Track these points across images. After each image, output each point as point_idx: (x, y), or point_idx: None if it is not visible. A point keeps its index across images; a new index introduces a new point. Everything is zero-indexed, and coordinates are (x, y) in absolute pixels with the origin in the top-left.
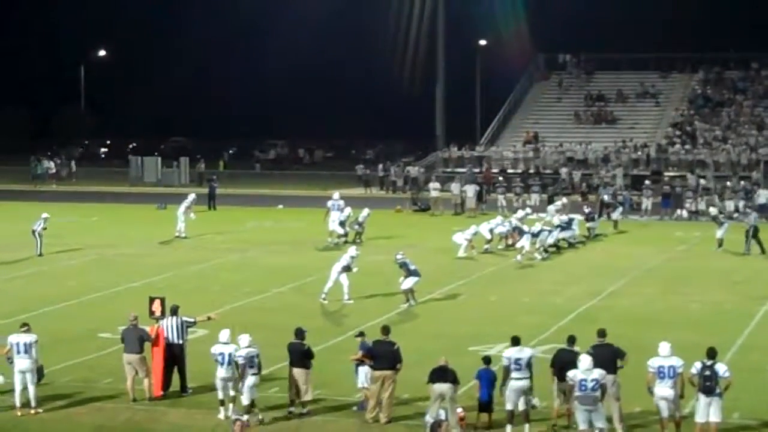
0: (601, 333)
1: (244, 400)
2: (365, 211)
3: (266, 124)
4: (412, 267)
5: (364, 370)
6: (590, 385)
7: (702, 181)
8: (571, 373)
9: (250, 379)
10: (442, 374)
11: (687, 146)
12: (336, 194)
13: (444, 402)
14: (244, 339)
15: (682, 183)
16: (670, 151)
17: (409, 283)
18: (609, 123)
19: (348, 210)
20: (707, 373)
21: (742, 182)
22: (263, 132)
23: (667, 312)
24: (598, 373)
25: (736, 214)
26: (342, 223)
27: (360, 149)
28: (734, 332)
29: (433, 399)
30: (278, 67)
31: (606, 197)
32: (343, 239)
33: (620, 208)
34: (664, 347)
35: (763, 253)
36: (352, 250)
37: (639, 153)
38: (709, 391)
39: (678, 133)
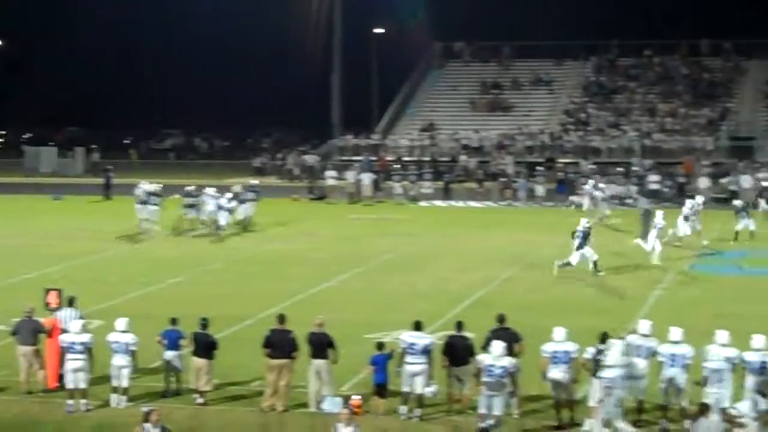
0: (501, 318)
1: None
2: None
3: (162, 114)
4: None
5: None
6: (497, 371)
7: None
8: (480, 357)
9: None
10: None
11: (580, 133)
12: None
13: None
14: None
15: (576, 169)
16: (564, 138)
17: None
18: (504, 110)
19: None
20: (600, 357)
21: (634, 168)
22: (159, 121)
23: (562, 297)
24: (507, 360)
25: (628, 200)
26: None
27: (256, 138)
28: (628, 316)
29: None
30: (174, 56)
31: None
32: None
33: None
34: (559, 332)
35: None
36: (584, 222)
37: (533, 140)
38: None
39: (571, 120)
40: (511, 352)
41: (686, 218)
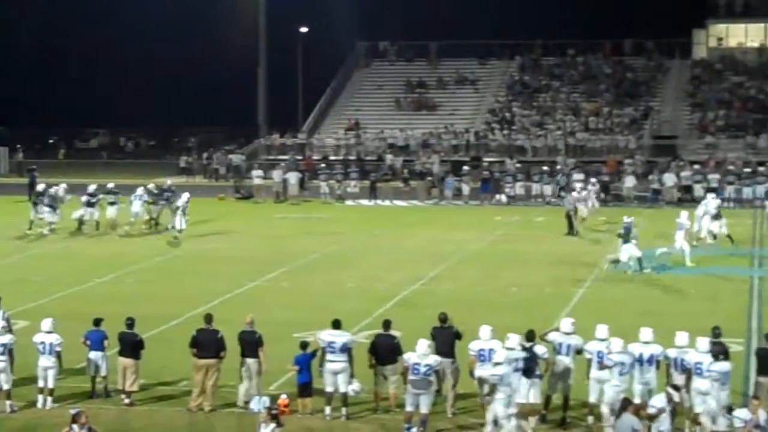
0: (443, 317)
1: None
2: (185, 196)
3: (88, 113)
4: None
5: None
6: (423, 369)
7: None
8: (406, 356)
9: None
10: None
11: (505, 132)
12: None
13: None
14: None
15: (501, 168)
16: (489, 137)
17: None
18: (429, 110)
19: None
20: (526, 355)
21: (558, 166)
22: (85, 120)
23: (488, 295)
24: (432, 359)
25: (553, 199)
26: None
27: (182, 137)
28: (553, 314)
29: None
30: (100, 54)
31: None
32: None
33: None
34: (485, 331)
35: (570, 233)
36: (625, 218)
37: (459, 139)
38: (528, 373)
39: (496, 119)
40: (451, 350)
41: (715, 217)
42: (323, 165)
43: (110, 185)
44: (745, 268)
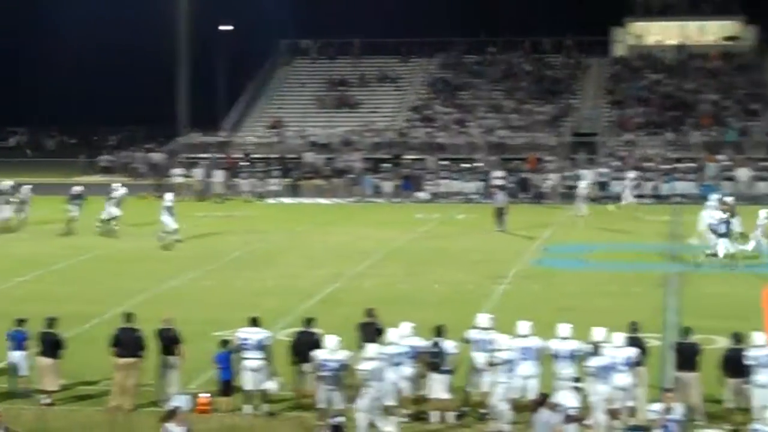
0: (370, 312)
1: None
2: (121, 191)
3: (8, 111)
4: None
5: None
6: (333, 365)
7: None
8: (316, 352)
9: None
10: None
11: (426, 129)
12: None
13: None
14: None
15: (422, 166)
16: (410, 135)
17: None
18: (351, 107)
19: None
20: (435, 350)
21: (481, 164)
22: (4, 119)
23: (410, 292)
24: (343, 354)
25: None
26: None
27: (102, 136)
28: (473, 311)
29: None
30: (19, 52)
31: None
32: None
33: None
34: (405, 328)
35: (500, 230)
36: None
37: (380, 137)
38: (436, 368)
39: (418, 116)
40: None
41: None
42: (245, 163)
43: (6, 184)
44: (662, 263)
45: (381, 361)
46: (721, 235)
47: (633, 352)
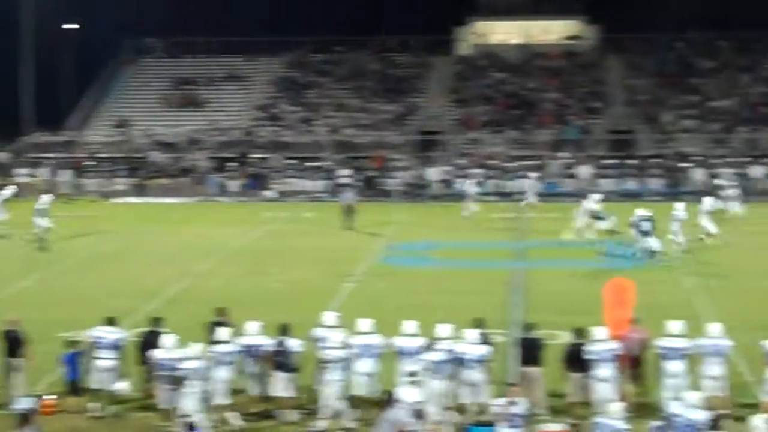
0: (220, 311)
1: None
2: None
3: None
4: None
5: None
6: (170, 364)
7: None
8: (153, 352)
9: None
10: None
11: (273, 128)
12: None
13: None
14: None
15: (268, 164)
16: (256, 133)
17: None
18: (197, 106)
19: None
20: (280, 349)
21: (327, 162)
22: None
23: (256, 291)
24: (180, 352)
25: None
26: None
27: None
28: (319, 309)
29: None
30: None
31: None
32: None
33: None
34: (252, 326)
35: (348, 227)
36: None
37: (226, 136)
38: (280, 367)
39: (264, 115)
40: None
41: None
42: (91, 163)
43: None
44: (507, 260)
45: (206, 360)
46: (644, 233)
47: (485, 348)
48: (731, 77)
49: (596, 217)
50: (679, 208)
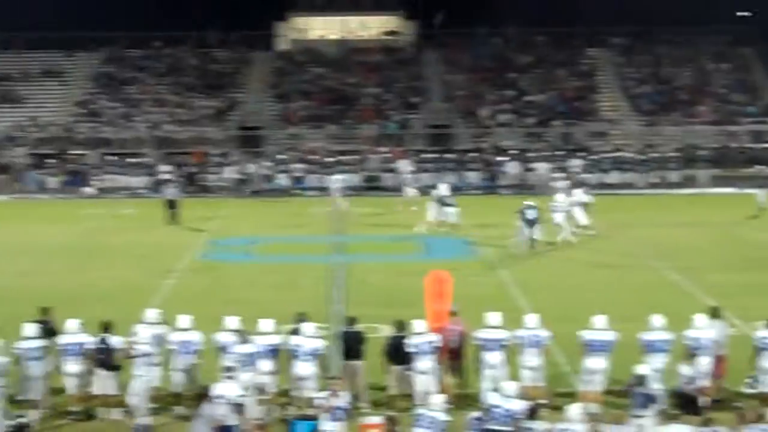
0: (44, 311)
1: None
2: None
3: None
4: None
5: None
6: (32, 355)
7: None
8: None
9: None
10: None
11: (93, 124)
12: None
13: None
14: None
15: (88, 161)
16: (76, 129)
17: None
18: (14, 102)
19: None
20: (102, 346)
21: (147, 158)
22: None
23: (77, 289)
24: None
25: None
26: None
27: None
28: (142, 306)
29: None
30: None
31: None
32: None
33: None
34: (71, 324)
35: (172, 223)
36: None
37: (45, 132)
38: (102, 365)
39: (84, 111)
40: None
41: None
42: None
43: None
44: (328, 255)
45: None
46: (530, 222)
47: (320, 342)
48: (547, 72)
49: (445, 204)
50: (560, 199)
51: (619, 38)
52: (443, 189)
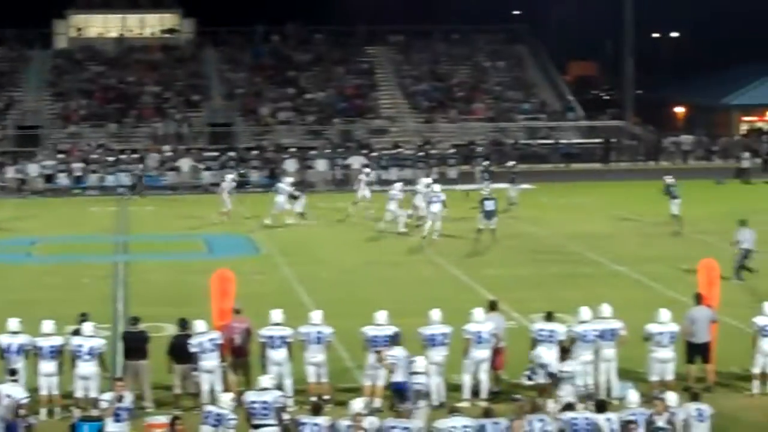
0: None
1: None
2: None
3: None
4: None
5: None
6: None
7: None
8: None
9: None
10: None
11: None
12: None
13: None
14: None
15: None
16: None
17: None
18: None
19: None
20: None
21: None
22: None
23: None
24: None
25: None
26: None
27: None
28: None
29: None
30: None
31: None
32: None
33: None
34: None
35: None
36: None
37: None
38: None
39: None
40: None
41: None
42: None
43: None
44: (108, 254)
45: None
46: (488, 214)
47: (100, 341)
48: (326, 70)
49: (292, 196)
50: (397, 188)
51: (397, 36)
52: (286, 183)
